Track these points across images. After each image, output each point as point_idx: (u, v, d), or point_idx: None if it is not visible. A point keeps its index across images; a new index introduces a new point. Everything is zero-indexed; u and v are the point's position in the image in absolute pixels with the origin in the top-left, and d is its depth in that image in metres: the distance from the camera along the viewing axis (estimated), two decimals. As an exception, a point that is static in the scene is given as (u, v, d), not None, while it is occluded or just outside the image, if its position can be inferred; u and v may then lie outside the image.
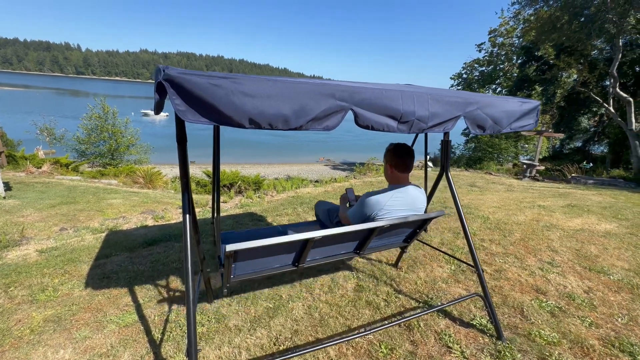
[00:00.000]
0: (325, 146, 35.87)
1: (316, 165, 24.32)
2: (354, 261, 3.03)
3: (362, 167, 11.21)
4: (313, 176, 15.97)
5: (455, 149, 21.15)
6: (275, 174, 17.64)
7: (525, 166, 12.28)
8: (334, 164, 25.16)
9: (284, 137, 40.01)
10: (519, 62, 20.40)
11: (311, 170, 20.79)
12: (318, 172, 19.70)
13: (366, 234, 1.90)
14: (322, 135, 43.87)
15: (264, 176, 11.32)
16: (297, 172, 19.10)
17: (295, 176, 13.61)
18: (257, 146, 31.96)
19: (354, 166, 12.68)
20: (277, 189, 7.15)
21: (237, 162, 21.13)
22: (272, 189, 7.53)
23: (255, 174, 10.26)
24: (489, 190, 7.18)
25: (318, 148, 33.77)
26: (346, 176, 10.66)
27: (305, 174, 18.02)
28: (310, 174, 17.80)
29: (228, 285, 1.81)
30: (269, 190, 7.09)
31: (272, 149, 31.99)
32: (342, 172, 17.98)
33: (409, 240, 2.28)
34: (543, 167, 13.08)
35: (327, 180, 8.77)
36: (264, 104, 1.06)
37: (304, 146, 35.55)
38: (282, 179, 12.40)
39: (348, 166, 22.23)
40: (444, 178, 2.13)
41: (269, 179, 11.98)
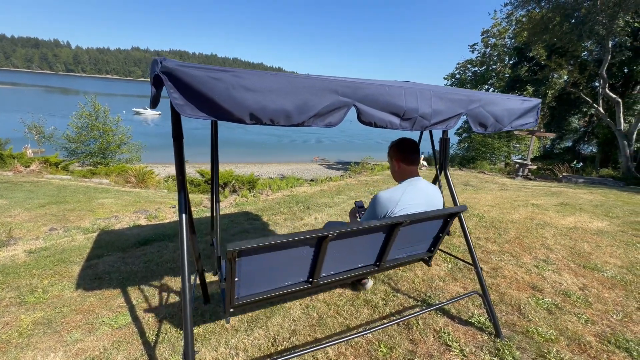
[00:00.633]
0: (318, 146, 35.82)
1: (310, 164, 24.28)
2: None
3: (357, 167, 11.23)
4: (308, 175, 15.93)
5: (449, 148, 21.33)
6: (269, 173, 17.55)
7: (517, 165, 12.46)
8: (329, 163, 25.15)
9: (277, 136, 39.85)
10: (511, 62, 20.65)
11: (306, 170, 20.75)
12: (313, 172, 19.66)
13: (386, 233, 1.69)
14: (316, 134, 43.87)
15: (258, 175, 11.24)
16: (291, 171, 19.02)
17: (289, 175, 13.55)
18: (250, 145, 31.75)
19: (349, 165, 12.68)
20: (272, 188, 7.10)
21: (231, 162, 20.98)
22: (267, 188, 7.48)
23: (249, 173, 10.19)
24: (483, 189, 7.25)
25: (312, 147, 33.72)
26: (341, 175, 10.65)
27: (300, 173, 17.97)
28: (305, 173, 17.76)
29: (232, 310, 1.52)
30: (264, 189, 7.04)
31: (265, 148, 31.78)
32: (337, 172, 17.98)
33: (432, 249, 2.07)
34: (535, 167, 13.31)
35: (322, 179, 8.75)
36: (266, 99, 1.03)
37: (298, 145, 35.44)
38: (276, 178, 12.34)
39: (343, 165, 22.24)
40: (442, 177, 2.12)
41: (263, 178, 11.91)
